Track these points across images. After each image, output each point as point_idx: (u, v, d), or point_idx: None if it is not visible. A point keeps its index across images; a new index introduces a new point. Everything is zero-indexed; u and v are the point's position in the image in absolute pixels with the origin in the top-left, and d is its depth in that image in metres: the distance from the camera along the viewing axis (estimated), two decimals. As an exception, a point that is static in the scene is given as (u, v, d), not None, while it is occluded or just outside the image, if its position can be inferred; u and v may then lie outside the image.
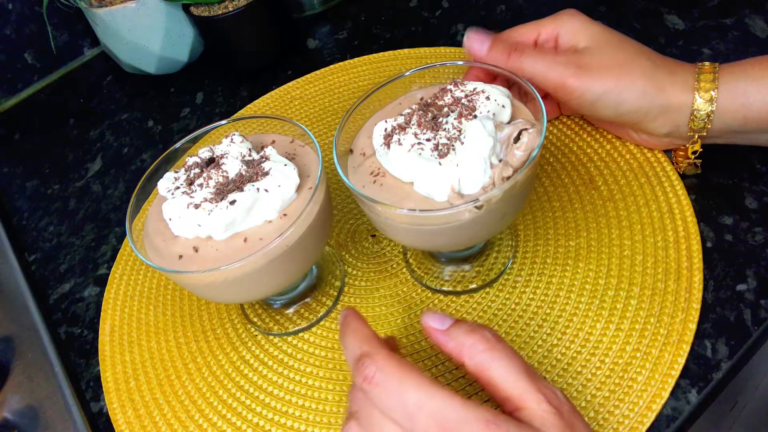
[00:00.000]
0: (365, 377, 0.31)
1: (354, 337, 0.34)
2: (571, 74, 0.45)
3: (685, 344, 0.41)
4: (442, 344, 0.34)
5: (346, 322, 0.35)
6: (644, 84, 0.45)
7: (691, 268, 0.45)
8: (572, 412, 0.32)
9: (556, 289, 0.46)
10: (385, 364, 0.31)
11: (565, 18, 0.48)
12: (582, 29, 0.47)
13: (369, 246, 0.53)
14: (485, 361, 0.33)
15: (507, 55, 0.47)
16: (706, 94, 0.44)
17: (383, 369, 0.31)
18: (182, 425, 0.46)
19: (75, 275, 0.59)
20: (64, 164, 0.71)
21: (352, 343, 0.34)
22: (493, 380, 0.32)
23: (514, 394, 0.32)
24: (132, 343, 0.52)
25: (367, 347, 0.33)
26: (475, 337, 0.33)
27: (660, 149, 0.51)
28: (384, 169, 0.41)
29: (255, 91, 0.71)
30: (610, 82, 0.45)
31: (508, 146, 0.38)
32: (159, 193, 0.43)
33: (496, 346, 0.33)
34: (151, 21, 0.71)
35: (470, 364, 0.33)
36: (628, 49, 0.47)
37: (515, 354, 0.33)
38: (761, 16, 0.61)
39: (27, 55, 0.82)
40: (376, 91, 0.45)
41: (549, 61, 0.46)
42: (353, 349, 0.33)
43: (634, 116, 0.47)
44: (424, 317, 0.35)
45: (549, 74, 0.46)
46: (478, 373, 0.33)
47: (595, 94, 0.46)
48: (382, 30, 0.74)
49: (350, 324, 0.35)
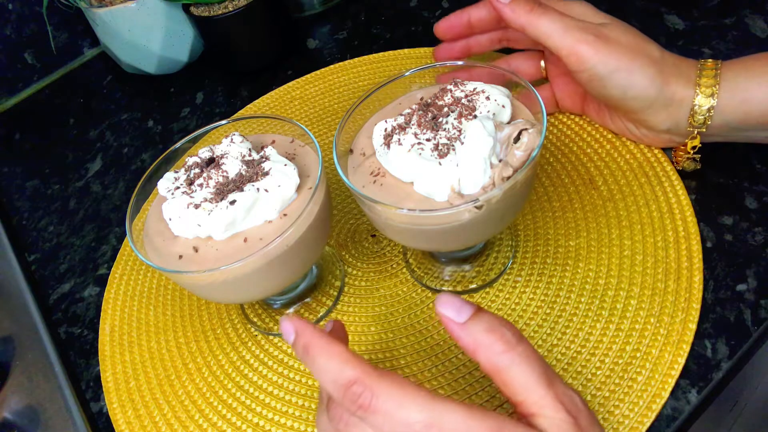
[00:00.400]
0: (360, 406, 0.29)
1: (329, 359, 0.30)
2: (589, 41, 0.45)
3: (685, 344, 0.41)
4: (455, 338, 0.32)
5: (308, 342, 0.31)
6: (654, 71, 0.45)
7: (691, 268, 0.45)
8: (590, 420, 0.31)
9: (556, 289, 0.46)
10: (380, 388, 0.29)
11: (575, 4, 0.48)
12: (594, 14, 0.48)
13: (369, 246, 0.53)
14: (503, 362, 0.31)
15: (529, 9, 0.46)
16: (708, 90, 0.44)
17: (379, 394, 0.29)
18: (182, 425, 0.46)
19: (75, 275, 0.59)
20: (64, 164, 0.71)
21: (330, 367, 0.30)
22: (509, 383, 0.31)
23: (531, 400, 0.30)
24: (132, 343, 0.52)
25: (352, 371, 0.29)
26: (493, 336, 0.31)
27: (659, 146, 0.51)
28: (384, 169, 0.41)
29: (255, 91, 0.71)
30: (623, 60, 0.45)
31: (508, 146, 0.38)
32: (159, 193, 0.43)
33: (516, 347, 0.31)
34: (151, 21, 0.71)
35: (487, 364, 0.31)
36: (640, 35, 0.47)
37: (535, 355, 0.31)
38: (761, 16, 0.61)
39: (27, 55, 0.82)
40: (376, 91, 0.45)
41: (568, 23, 0.45)
42: (333, 374, 0.30)
43: (640, 103, 0.46)
44: (439, 304, 0.32)
45: (566, 36, 0.45)
46: (494, 373, 0.31)
47: (608, 68, 0.45)
48: (382, 30, 0.74)
49: (314, 342, 0.31)
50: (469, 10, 0.53)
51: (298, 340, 0.31)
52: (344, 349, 0.30)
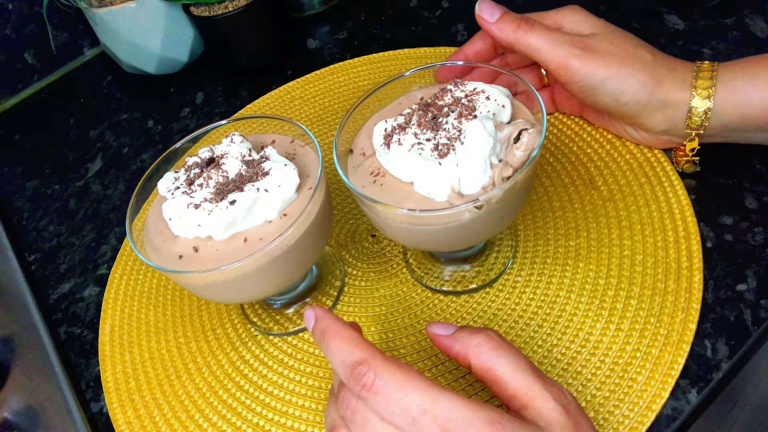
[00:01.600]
0: (363, 385, 0.30)
1: (341, 341, 0.32)
2: (576, 54, 0.45)
3: (685, 344, 0.41)
4: (448, 348, 0.35)
5: (326, 327, 0.34)
6: (645, 76, 0.45)
7: (691, 268, 0.45)
8: (578, 410, 0.32)
9: (556, 289, 0.46)
10: (383, 370, 0.30)
11: (567, 11, 0.49)
12: (585, 20, 0.48)
13: (369, 246, 0.53)
14: (491, 360, 0.33)
15: (516, 26, 0.47)
16: (704, 92, 0.45)
17: (382, 376, 0.30)
18: (182, 425, 0.46)
19: (75, 275, 0.59)
20: (64, 164, 0.71)
21: (342, 349, 0.32)
22: (498, 378, 0.33)
23: (520, 392, 0.32)
24: (132, 343, 0.52)
25: (361, 353, 0.31)
26: (480, 337, 0.34)
27: (659, 147, 0.51)
28: (384, 169, 0.41)
29: (255, 91, 0.71)
30: (612, 68, 0.45)
31: (508, 146, 0.38)
32: (159, 193, 0.43)
33: (501, 344, 0.33)
34: (151, 21, 0.71)
35: (476, 363, 0.33)
36: (631, 41, 0.47)
37: (520, 353, 0.34)
38: (761, 16, 0.61)
39: (27, 55, 0.82)
40: (376, 91, 0.45)
41: (556, 38, 0.46)
42: (344, 355, 0.32)
43: (633, 108, 0.47)
44: (429, 327, 0.37)
45: (554, 51, 0.46)
46: (484, 372, 0.33)
47: (597, 78, 0.46)
48: (382, 30, 0.74)
49: (331, 327, 0.33)
50: (464, 48, 0.54)
51: (317, 326, 0.34)
52: (357, 335, 0.33)
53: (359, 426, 0.31)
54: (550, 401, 0.31)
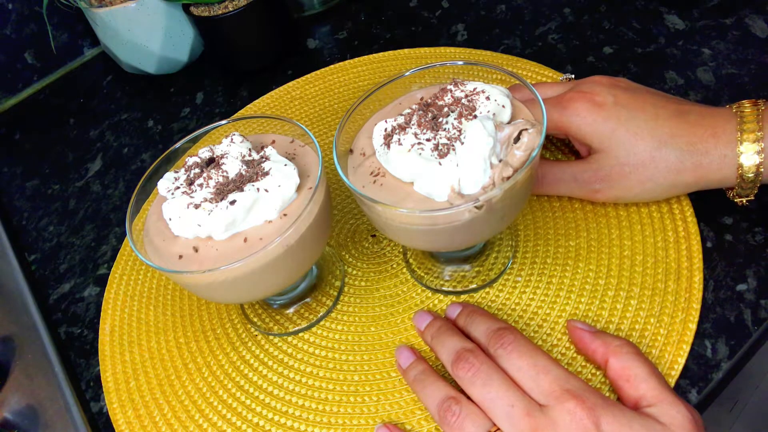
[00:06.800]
0: (502, 343, 0.37)
1: (487, 317, 0.41)
2: (596, 191, 0.46)
3: (685, 344, 0.41)
4: (587, 342, 0.40)
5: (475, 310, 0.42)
6: (674, 176, 0.43)
7: (691, 268, 0.45)
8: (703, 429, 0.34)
9: (556, 289, 0.46)
10: (520, 336, 0.38)
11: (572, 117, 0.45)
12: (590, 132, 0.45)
13: (369, 246, 0.53)
14: (630, 360, 0.37)
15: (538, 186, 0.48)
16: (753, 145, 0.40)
17: (519, 339, 0.38)
18: (182, 425, 0.46)
19: (75, 275, 0.59)
20: (64, 164, 0.72)
21: (488, 320, 0.40)
22: (633, 378, 0.36)
23: (652, 393, 0.35)
24: (132, 343, 0.52)
25: (503, 323, 0.40)
26: (622, 340, 0.39)
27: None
28: (384, 169, 0.41)
29: (255, 91, 0.71)
30: (636, 188, 0.45)
31: (508, 146, 0.38)
32: (159, 193, 0.43)
33: (640, 352, 0.38)
34: (151, 21, 0.71)
35: (614, 361, 0.37)
36: (647, 142, 0.43)
37: None
38: (761, 16, 0.61)
39: (27, 55, 0.82)
40: (376, 91, 0.45)
41: (570, 183, 0.47)
42: (488, 325, 0.40)
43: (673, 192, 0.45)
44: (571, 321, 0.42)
45: (575, 194, 0.48)
46: (620, 370, 0.37)
47: (626, 199, 0.47)
48: (382, 30, 0.74)
49: (478, 311, 0.42)
50: None
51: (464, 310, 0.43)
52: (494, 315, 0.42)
53: (479, 386, 0.36)
54: (680, 406, 0.34)
